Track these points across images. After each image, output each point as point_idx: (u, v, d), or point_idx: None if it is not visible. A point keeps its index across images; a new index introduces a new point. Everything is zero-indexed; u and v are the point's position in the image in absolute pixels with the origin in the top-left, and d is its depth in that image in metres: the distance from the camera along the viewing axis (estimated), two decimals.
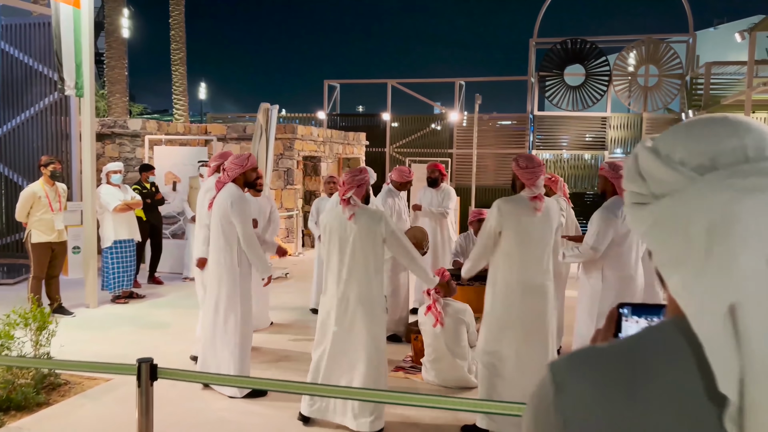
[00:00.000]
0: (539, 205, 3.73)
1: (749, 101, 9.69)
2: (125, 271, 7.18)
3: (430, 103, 18.66)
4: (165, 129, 11.35)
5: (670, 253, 0.68)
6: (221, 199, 4.33)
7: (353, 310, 3.75)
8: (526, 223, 3.71)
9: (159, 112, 51.60)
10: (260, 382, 2.01)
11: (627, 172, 0.76)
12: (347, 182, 3.79)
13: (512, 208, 3.72)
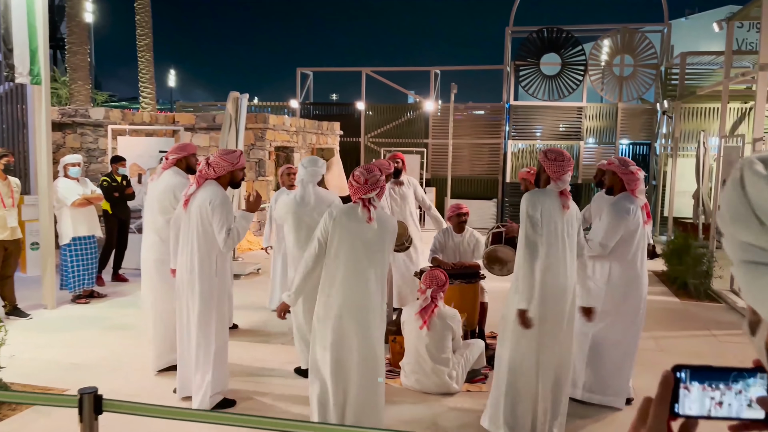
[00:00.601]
0: (567, 202, 3.55)
1: (726, 91, 9.62)
2: (86, 270, 6.79)
3: (405, 91, 18.38)
4: (130, 118, 10.89)
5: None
6: (201, 199, 3.93)
7: (367, 319, 3.37)
8: (556, 219, 3.52)
9: (128, 99, 50.42)
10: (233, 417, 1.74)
11: (731, 210, 0.51)
12: (368, 182, 3.36)
13: (546, 202, 3.53)
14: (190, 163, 4.77)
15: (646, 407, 0.67)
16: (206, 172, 3.99)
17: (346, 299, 3.33)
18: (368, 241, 3.37)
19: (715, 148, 11.75)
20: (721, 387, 0.65)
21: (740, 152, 8.32)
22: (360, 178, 3.38)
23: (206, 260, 3.95)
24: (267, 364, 5.05)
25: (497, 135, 15.50)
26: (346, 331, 3.34)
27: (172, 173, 4.68)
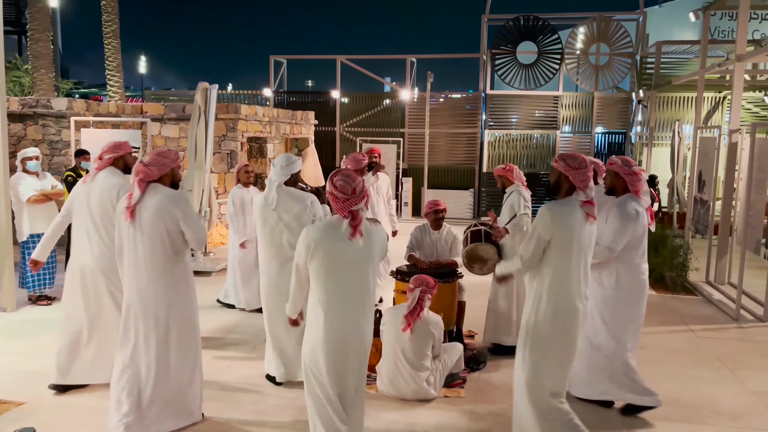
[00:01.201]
0: (592, 211, 3.28)
1: (702, 82, 9.60)
2: (46, 269, 6.46)
3: (381, 80, 18.12)
4: (95, 109, 10.48)
5: None
6: (158, 204, 3.54)
7: (363, 346, 3.06)
8: (579, 231, 3.25)
9: (97, 86, 49.19)
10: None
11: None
12: (355, 191, 2.97)
13: (569, 218, 3.24)
14: (127, 162, 4.37)
15: None
16: (148, 174, 3.57)
17: (342, 331, 2.99)
18: (355, 259, 3.00)
19: (689, 137, 11.78)
20: None
21: (716, 143, 8.30)
22: (346, 188, 2.97)
23: (174, 266, 3.61)
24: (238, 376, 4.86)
25: (474, 124, 15.37)
26: (343, 363, 3.01)
27: (109, 174, 4.25)
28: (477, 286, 6.23)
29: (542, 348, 3.29)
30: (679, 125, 11.75)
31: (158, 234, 3.55)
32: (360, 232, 2.97)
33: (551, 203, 3.33)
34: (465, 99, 15.83)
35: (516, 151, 15.20)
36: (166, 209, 3.54)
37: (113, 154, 4.27)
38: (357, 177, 3.05)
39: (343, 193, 2.97)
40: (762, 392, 4.57)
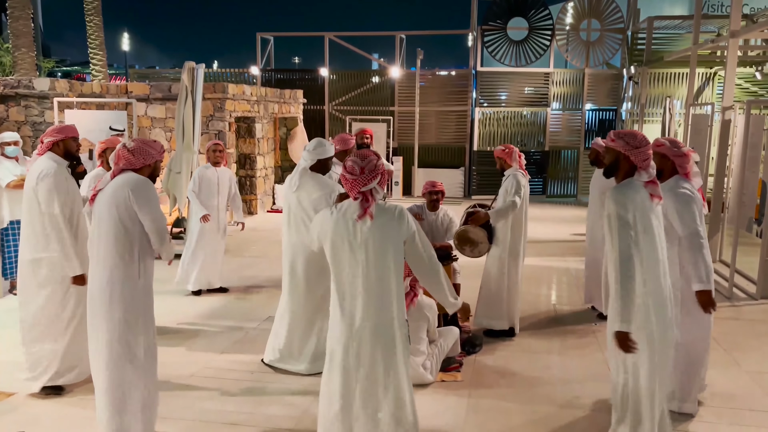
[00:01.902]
0: (657, 191, 3.06)
1: (695, 58, 9.53)
2: None
3: (370, 57, 17.88)
4: (78, 89, 10.24)
5: None
6: (114, 186, 3.24)
7: (372, 341, 2.85)
8: (650, 215, 3.02)
9: (79, 64, 48.21)
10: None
11: None
12: (364, 170, 2.81)
13: (637, 198, 3.01)
14: (68, 147, 4.03)
15: None
16: (130, 161, 3.27)
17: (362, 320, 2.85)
18: (366, 242, 2.81)
19: (679, 114, 11.74)
20: None
21: (709, 120, 8.26)
22: (354, 168, 2.82)
23: (128, 261, 3.24)
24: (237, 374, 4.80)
25: (464, 102, 15.24)
26: (363, 359, 2.85)
27: (47, 159, 3.96)
28: (472, 269, 6.20)
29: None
30: (670, 102, 11.71)
31: (112, 223, 3.20)
32: (370, 214, 2.80)
33: (616, 188, 3.07)
34: (455, 76, 15.66)
35: (507, 129, 15.12)
36: (120, 191, 3.19)
37: (53, 138, 4.00)
38: (370, 155, 2.87)
39: (351, 174, 2.83)
40: (757, 372, 4.59)
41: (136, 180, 3.24)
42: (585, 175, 14.77)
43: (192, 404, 3.95)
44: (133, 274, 3.24)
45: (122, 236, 3.20)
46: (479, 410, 3.94)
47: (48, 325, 4.00)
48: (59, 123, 4.33)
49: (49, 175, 3.86)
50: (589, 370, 4.60)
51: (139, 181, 3.24)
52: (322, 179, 4.32)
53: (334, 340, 2.89)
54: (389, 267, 2.84)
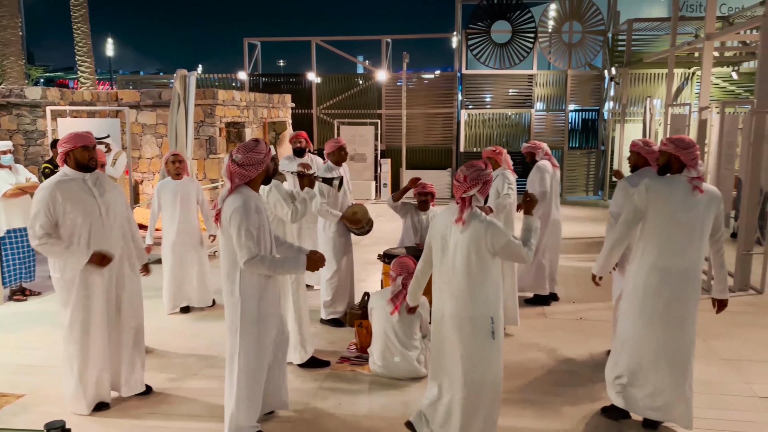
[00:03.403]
0: (700, 184, 3.54)
1: (672, 60, 9.83)
2: (21, 263, 6.43)
3: (356, 61, 18.08)
4: (69, 97, 10.34)
5: None
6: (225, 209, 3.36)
7: (458, 331, 3.19)
8: (675, 206, 3.53)
9: (62, 69, 47.88)
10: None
11: None
12: (467, 178, 3.13)
13: (665, 190, 3.55)
14: (77, 157, 3.81)
15: None
16: (243, 174, 3.31)
17: (439, 311, 3.27)
18: (457, 245, 3.16)
19: (659, 113, 12.06)
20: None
21: (686, 120, 8.55)
22: (459, 175, 3.19)
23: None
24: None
25: (450, 104, 15.48)
26: (452, 342, 3.22)
27: (60, 172, 3.88)
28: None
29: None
30: (650, 101, 12.02)
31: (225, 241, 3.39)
32: (462, 220, 3.13)
33: (652, 179, 3.62)
34: (441, 79, 15.90)
35: (492, 130, 15.38)
36: (226, 211, 3.32)
37: (62, 149, 3.82)
38: (478, 165, 3.18)
39: (456, 180, 3.22)
40: (733, 360, 4.84)
41: (233, 203, 3.28)
42: (569, 175, 15.07)
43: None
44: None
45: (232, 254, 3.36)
46: None
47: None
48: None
49: (42, 188, 3.77)
50: (573, 359, 4.82)
51: (235, 203, 3.26)
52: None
53: (434, 325, 3.35)
54: (473, 268, 3.14)
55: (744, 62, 12.98)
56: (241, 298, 3.35)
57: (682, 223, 3.50)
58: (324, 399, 4.14)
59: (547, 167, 6.02)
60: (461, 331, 3.16)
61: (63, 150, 3.81)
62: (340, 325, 5.58)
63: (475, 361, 3.16)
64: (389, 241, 5.92)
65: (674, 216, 3.50)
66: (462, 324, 3.16)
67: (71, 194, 3.76)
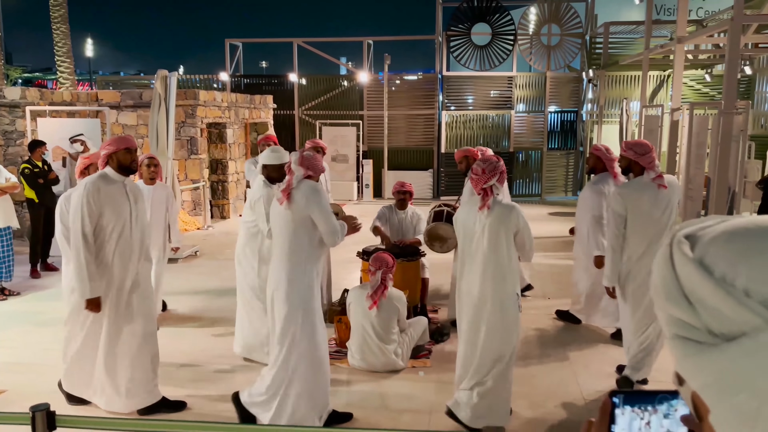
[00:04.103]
0: (663, 181, 3.98)
1: (647, 62, 10.07)
2: (1, 263, 6.45)
3: (337, 62, 18.17)
4: (49, 98, 10.31)
5: (734, 410, 0.53)
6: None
7: (492, 309, 3.54)
8: (650, 206, 3.95)
9: (41, 70, 47.34)
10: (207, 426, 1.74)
11: (664, 286, 0.59)
12: (485, 171, 3.52)
13: (635, 195, 3.98)
14: (121, 159, 3.80)
15: (588, 429, 0.76)
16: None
17: (466, 290, 3.60)
18: (482, 230, 3.51)
19: (636, 115, 12.31)
20: (648, 408, 0.75)
21: (659, 121, 8.77)
22: (477, 169, 3.56)
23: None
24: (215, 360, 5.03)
25: (431, 105, 15.62)
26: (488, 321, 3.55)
27: (97, 174, 3.82)
28: (440, 264, 6.54)
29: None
30: (626, 103, 12.27)
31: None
32: (488, 206, 3.50)
33: (623, 186, 4.09)
34: (422, 80, 16.05)
35: (473, 132, 15.55)
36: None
37: (105, 151, 3.79)
38: (492, 159, 3.59)
39: (475, 175, 3.56)
40: None
41: (311, 185, 3.56)
42: (549, 176, 15.30)
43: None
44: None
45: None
46: (447, 392, 4.26)
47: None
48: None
49: (79, 188, 3.70)
50: (545, 349, 4.97)
51: (313, 185, 3.57)
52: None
53: (462, 309, 3.65)
54: (503, 249, 3.51)
55: (717, 65, 13.29)
56: (311, 283, 3.51)
57: (655, 218, 3.95)
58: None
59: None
60: (498, 308, 3.52)
61: (107, 152, 3.77)
62: None
63: (508, 334, 3.56)
64: (369, 240, 6.01)
65: (649, 214, 3.95)
66: (497, 302, 3.51)
67: (111, 196, 3.71)
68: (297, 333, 3.47)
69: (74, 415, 1.84)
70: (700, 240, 0.58)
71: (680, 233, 0.60)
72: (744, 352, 0.52)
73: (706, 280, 0.55)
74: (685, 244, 0.58)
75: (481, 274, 3.53)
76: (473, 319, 3.59)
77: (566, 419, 3.92)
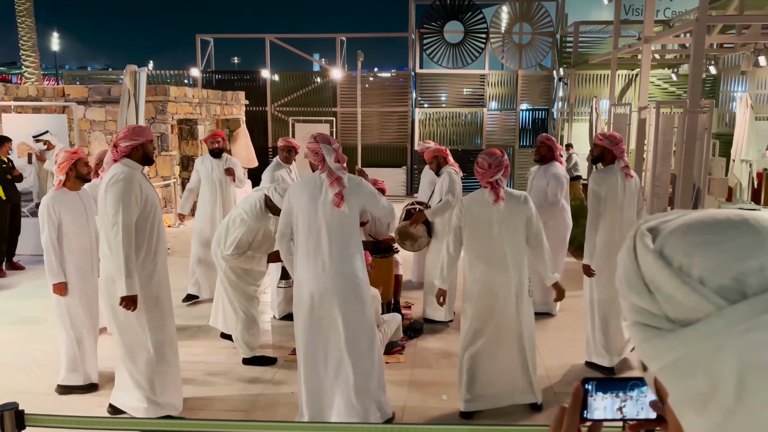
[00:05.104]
0: (630, 171, 4.41)
1: (615, 62, 10.25)
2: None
3: (310, 59, 18.09)
4: (14, 93, 10.07)
5: (690, 392, 0.56)
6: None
7: (504, 295, 3.71)
8: (619, 191, 4.33)
9: (5, 65, 46.09)
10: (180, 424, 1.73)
11: (626, 276, 0.62)
12: (491, 165, 3.63)
13: (611, 179, 4.34)
14: (147, 151, 3.66)
15: (560, 415, 0.79)
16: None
17: (486, 280, 3.71)
18: (499, 221, 3.65)
19: (605, 113, 12.53)
20: (620, 395, 0.78)
21: (627, 119, 8.94)
22: (483, 163, 3.66)
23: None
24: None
25: (405, 103, 15.67)
26: (490, 309, 3.72)
27: (120, 164, 3.59)
28: (412, 261, 6.57)
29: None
30: (596, 101, 12.47)
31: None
32: (501, 197, 3.63)
33: (597, 172, 4.41)
34: (396, 78, 16.08)
35: (446, 129, 15.64)
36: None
37: (131, 142, 3.60)
38: (496, 153, 3.70)
39: (481, 168, 3.67)
40: None
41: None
42: (520, 173, 15.47)
43: None
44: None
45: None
46: (420, 386, 4.31)
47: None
48: (133, 126, 3.68)
49: (119, 180, 3.50)
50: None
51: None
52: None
53: (473, 296, 3.77)
54: (519, 237, 3.69)
55: (683, 64, 13.59)
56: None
57: (625, 205, 4.35)
58: (277, 388, 4.23)
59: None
60: (517, 296, 3.70)
61: (134, 143, 3.58)
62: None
63: (528, 319, 3.76)
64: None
65: (621, 199, 4.34)
66: (515, 290, 3.70)
67: (146, 186, 3.61)
68: (374, 328, 3.59)
69: (43, 414, 1.82)
70: (661, 232, 0.61)
71: (643, 226, 0.63)
72: (698, 336, 0.55)
73: (664, 270, 0.58)
74: (647, 236, 0.61)
75: (502, 264, 3.68)
76: (495, 306, 3.72)
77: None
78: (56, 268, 4.03)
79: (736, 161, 11.25)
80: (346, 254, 3.40)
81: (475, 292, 3.78)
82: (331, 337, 3.41)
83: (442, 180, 5.43)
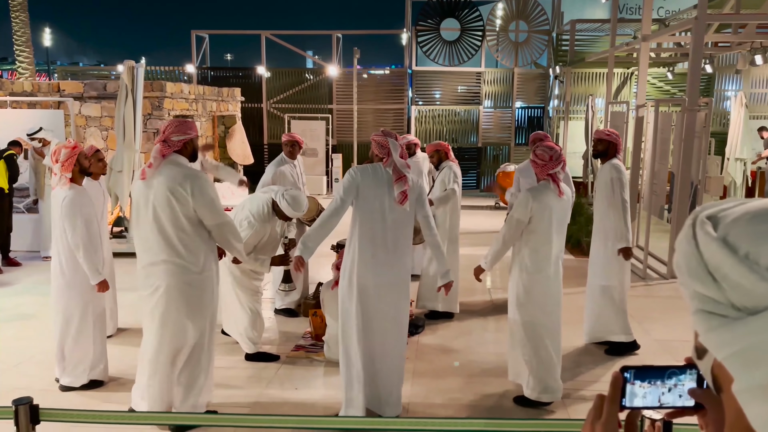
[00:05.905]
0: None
1: (612, 60, 10.28)
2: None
3: (306, 55, 18.05)
4: (9, 88, 9.98)
5: (758, 380, 0.57)
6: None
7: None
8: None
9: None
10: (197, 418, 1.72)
11: (687, 264, 0.63)
12: (552, 158, 3.72)
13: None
14: (195, 146, 3.60)
15: (600, 404, 0.80)
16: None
17: (558, 271, 3.90)
18: (561, 213, 3.80)
19: (601, 111, 12.57)
20: (658, 383, 0.79)
21: (624, 117, 8.97)
22: (544, 155, 3.74)
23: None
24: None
25: (400, 100, 15.66)
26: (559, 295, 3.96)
27: (177, 160, 3.48)
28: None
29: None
30: (592, 100, 12.51)
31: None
32: (561, 191, 3.76)
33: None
34: (391, 75, 16.07)
35: (441, 126, 15.65)
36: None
37: (184, 137, 3.47)
38: (556, 147, 3.80)
39: (541, 160, 3.75)
40: (664, 340, 5.18)
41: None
42: None
43: None
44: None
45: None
46: (422, 383, 4.31)
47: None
48: (180, 120, 3.51)
49: (198, 177, 3.44)
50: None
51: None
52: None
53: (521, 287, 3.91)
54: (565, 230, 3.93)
55: (679, 63, 13.65)
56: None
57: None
58: (280, 384, 4.22)
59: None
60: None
61: (187, 137, 3.48)
62: (294, 315, 5.65)
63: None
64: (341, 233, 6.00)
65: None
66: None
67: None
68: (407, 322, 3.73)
69: (58, 409, 1.81)
70: (722, 220, 0.61)
71: (702, 214, 0.63)
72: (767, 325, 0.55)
73: (730, 257, 0.58)
74: (707, 224, 0.62)
75: (560, 254, 3.90)
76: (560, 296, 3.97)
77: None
78: (100, 266, 3.99)
79: (730, 159, 11.33)
80: (403, 250, 3.61)
81: (546, 281, 3.89)
82: (384, 327, 3.60)
83: (443, 173, 5.45)
